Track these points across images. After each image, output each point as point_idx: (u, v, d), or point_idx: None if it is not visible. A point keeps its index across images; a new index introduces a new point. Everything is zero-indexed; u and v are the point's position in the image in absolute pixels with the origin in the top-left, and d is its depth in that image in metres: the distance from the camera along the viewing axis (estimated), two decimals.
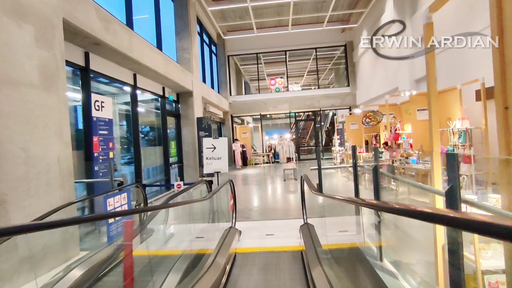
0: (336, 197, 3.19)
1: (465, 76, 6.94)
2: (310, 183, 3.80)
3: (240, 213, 5.90)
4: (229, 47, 17.93)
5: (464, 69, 7.26)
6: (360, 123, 13.95)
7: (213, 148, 5.36)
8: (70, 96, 5.72)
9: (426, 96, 8.15)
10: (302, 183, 4.52)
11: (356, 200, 2.89)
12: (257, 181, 10.66)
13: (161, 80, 8.52)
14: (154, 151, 8.96)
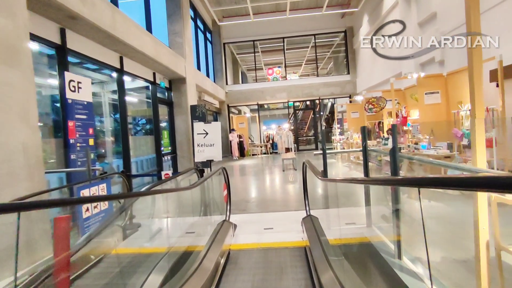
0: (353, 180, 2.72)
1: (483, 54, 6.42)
2: (315, 169, 3.32)
3: (236, 205, 5.43)
4: (225, 34, 17.27)
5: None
6: (362, 111, 13.46)
7: (205, 133, 4.86)
8: (48, 82, 5.19)
9: (436, 79, 7.66)
10: (305, 170, 4.03)
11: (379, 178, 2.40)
12: (255, 172, 10.19)
13: (151, 65, 7.95)
14: (145, 141, 8.45)
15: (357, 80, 16.48)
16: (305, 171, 4.06)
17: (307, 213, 3.99)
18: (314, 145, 18.75)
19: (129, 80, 7.65)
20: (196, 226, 4.06)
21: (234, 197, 6.05)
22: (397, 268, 2.55)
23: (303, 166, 4.00)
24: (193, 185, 2.66)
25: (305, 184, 4.18)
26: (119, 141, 7.00)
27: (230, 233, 3.70)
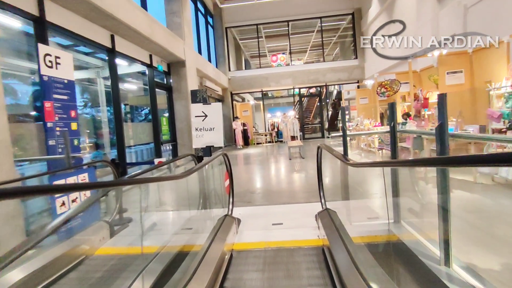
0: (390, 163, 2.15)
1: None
2: (336, 153, 2.73)
3: (240, 197, 4.89)
4: (226, 18, 16.49)
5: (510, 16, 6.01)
6: (371, 97, 12.77)
7: (204, 116, 4.28)
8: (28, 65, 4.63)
9: (459, 56, 6.93)
10: (320, 156, 3.46)
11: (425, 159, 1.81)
12: (260, 161, 9.64)
13: (147, 45, 7.33)
14: (142, 129, 7.91)
15: (365, 65, 15.69)
16: (320, 157, 3.48)
17: (323, 206, 3.43)
18: (320, 133, 18.11)
19: (122, 62, 7.06)
20: (194, 221, 3.53)
21: (238, 188, 5.50)
22: (445, 279, 1.99)
23: (318, 151, 3.42)
24: (185, 174, 2.10)
25: (320, 173, 3.61)
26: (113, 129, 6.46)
27: (233, 230, 3.16)
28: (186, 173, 2.07)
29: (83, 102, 7.13)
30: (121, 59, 6.75)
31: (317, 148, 3.39)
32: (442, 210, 2.11)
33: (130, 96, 8.32)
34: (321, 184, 3.62)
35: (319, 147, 3.37)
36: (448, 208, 2.09)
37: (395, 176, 3.06)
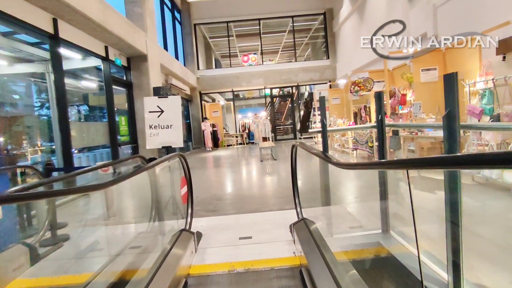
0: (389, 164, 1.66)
1: (486, 22, 5.60)
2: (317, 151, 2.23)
3: (204, 205, 4.27)
4: (195, 14, 15.75)
5: (482, 13, 5.91)
6: (343, 96, 12.62)
7: (159, 112, 3.63)
8: None
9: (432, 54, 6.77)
10: (294, 157, 2.94)
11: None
12: (229, 163, 9.04)
13: (100, 35, 6.49)
14: (95, 129, 7.03)
15: (337, 65, 15.63)
16: (294, 158, 2.96)
17: (298, 215, 2.91)
18: (292, 135, 17.83)
19: (71, 53, 6.19)
20: (143, 238, 2.87)
21: (202, 194, 4.88)
22: None
23: (292, 151, 2.90)
24: (108, 183, 1.48)
25: (295, 176, 3.09)
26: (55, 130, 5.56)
27: (190, 248, 2.55)
28: (107, 184, 1.45)
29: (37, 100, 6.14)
30: (68, 48, 5.89)
31: (291, 148, 2.87)
32: (451, 224, 1.65)
33: (83, 93, 7.40)
34: (296, 189, 3.10)
35: (294, 146, 2.86)
36: (458, 223, 1.63)
37: (383, 178, 2.61)
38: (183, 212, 3.22)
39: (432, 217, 3.09)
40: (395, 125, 3.76)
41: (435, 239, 2.64)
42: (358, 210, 3.60)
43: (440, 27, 7.34)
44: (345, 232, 2.75)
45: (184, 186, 2.94)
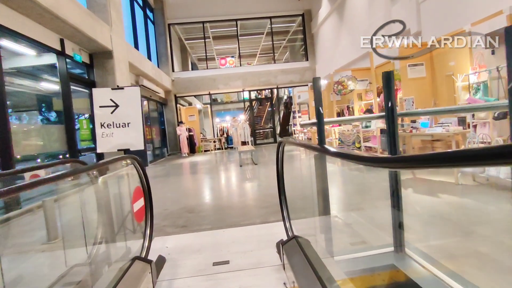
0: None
1: (475, 13, 5.30)
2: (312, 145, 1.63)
3: (173, 219, 3.56)
4: (169, 13, 14.99)
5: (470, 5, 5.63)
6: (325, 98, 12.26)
7: (113, 106, 2.90)
8: None
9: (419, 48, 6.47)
10: (281, 157, 2.32)
11: None
12: (206, 169, 8.32)
13: (53, 24, 5.65)
14: (46, 133, 6.12)
15: (317, 66, 15.34)
16: (281, 159, 2.35)
17: (288, 233, 2.29)
18: (272, 139, 17.31)
19: (15, 45, 5.32)
20: (82, 269, 2.13)
21: (172, 205, 4.16)
22: None
23: (279, 150, 2.28)
24: None
25: (282, 182, 2.47)
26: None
27: (144, 284, 1.86)
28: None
29: None
30: (9, 38, 5.02)
31: (277, 146, 2.25)
32: None
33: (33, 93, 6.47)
34: (284, 198, 2.48)
35: (280, 143, 2.24)
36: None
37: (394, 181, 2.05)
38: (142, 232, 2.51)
39: (448, 226, 2.57)
40: (413, 112, 3.18)
41: (461, 256, 2.11)
42: (357, 220, 3.03)
43: (424, 22, 7.08)
44: (349, 251, 2.15)
45: (139, 199, 2.25)
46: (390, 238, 2.13)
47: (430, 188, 3.74)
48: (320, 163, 2.04)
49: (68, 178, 1.57)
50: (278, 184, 2.47)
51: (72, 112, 6.45)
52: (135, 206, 2.17)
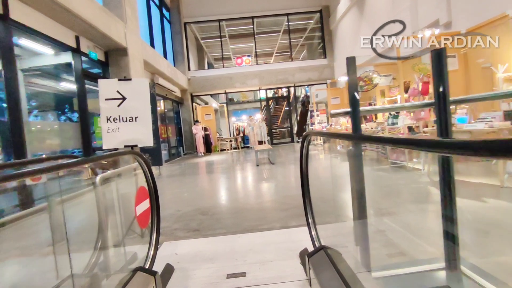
0: None
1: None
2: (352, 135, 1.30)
3: (185, 221, 3.30)
4: (185, 12, 14.90)
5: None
6: (344, 96, 11.80)
7: (120, 99, 2.68)
8: None
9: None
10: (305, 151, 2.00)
11: None
12: (222, 169, 8.07)
13: (67, 20, 5.56)
14: (61, 131, 6.04)
15: (335, 64, 14.84)
16: (305, 156, 2.03)
17: (315, 242, 1.97)
18: (290, 138, 16.93)
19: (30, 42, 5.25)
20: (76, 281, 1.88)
21: (185, 206, 3.91)
22: None
23: (303, 146, 1.96)
24: None
25: (306, 181, 2.15)
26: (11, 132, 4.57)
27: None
28: None
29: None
30: (23, 34, 4.93)
31: (302, 140, 1.93)
32: None
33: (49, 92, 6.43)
34: (308, 202, 2.16)
35: (306, 136, 1.91)
36: None
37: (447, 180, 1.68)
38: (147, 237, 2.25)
39: (505, 237, 2.17)
40: (471, 98, 2.72)
41: None
42: (390, 227, 2.66)
43: (456, 11, 6.54)
44: (389, 267, 1.81)
45: (144, 201, 1.99)
46: (433, 249, 1.77)
47: (472, 191, 3.31)
48: (355, 159, 1.71)
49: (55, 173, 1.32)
50: (302, 185, 2.15)
51: (87, 110, 6.35)
52: (138, 209, 1.91)
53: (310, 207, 2.19)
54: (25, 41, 5.14)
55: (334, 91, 12.33)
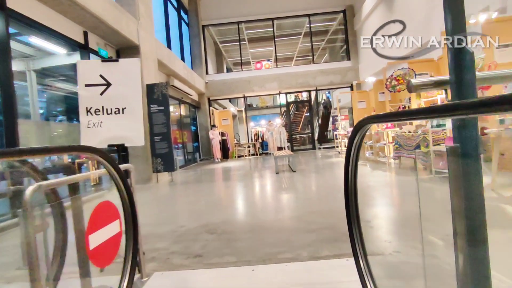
0: None
1: None
2: None
3: (187, 242, 2.64)
4: (204, 14, 14.56)
5: None
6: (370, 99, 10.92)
7: (104, 85, 2.09)
8: None
9: (507, 23, 4.78)
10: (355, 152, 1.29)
11: None
12: (238, 176, 7.41)
13: (74, 13, 5.15)
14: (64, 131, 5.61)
15: (359, 66, 13.97)
16: (355, 159, 1.32)
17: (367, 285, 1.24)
18: (311, 145, 16.07)
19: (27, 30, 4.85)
20: None
21: (190, 221, 3.27)
22: None
23: (354, 139, 1.26)
24: None
25: (353, 195, 1.43)
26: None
27: None
28: None
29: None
30: (24, 26, 4.53)
31: (353, 132, 1.22)
32: None
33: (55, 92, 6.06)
34: (356, 225, 1.43)
35: (360, 126, 1.20)
36: None
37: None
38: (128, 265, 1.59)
39: None
40: None
41: None
42: None
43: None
44: None
45: (108, 225, 1.33)
46: None
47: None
48: (460, 161, 0.99)
49: None
50: (346, 200, 1.43)
51: None
52: (95, 239, 1.25)
53: (359, 234, 1.46)
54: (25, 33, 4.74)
55: (359, 94, 11.46)
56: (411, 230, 2.56)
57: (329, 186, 5.22)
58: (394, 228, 2.67)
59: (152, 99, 7.03)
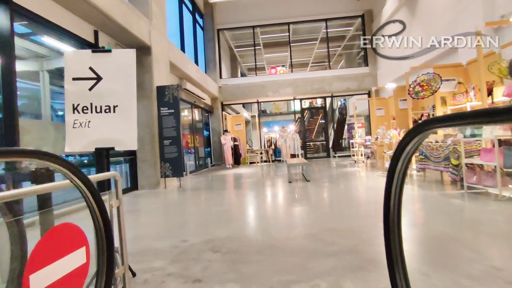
0: None
1: None
2: None
3: (187, 262, 2.31)
4: (219, 18, 14.44)
5: None
6: (389, 106, 10.43)
7: (94, 79, 1.83)
8: None
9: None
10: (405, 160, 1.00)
11: None
12: (249, 184, 7.07)
13: (84, 11, 4.99)
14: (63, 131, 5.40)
15: (378, 72, 13.47)
16: (402, 173, 0.97)
17: None
18: (325, 153, 15.58)
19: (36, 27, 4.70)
20: None
21: (195, 235, 2.94)
22: None
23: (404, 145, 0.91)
24: None
25: (396, 224, 1.07)
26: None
27: None
28: None
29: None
30: (29, 21, 4.37)
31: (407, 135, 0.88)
32: None
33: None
34: (400, 258, 1.06)
35: (420, 128, 0.84)
36: None
37: None
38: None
39: None
40: None
41: None
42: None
43: None
44: None
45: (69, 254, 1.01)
46: None
47: None
48: None
49: None
50: (386, 234, 1.06)
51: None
52: (37, 279, 0.92)
53: (403, 270, 1.08)
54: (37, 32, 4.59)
55: (378, 101, 10.97)
56: (449, 258, 2.16)
57: (347, 199, 4.80)
58: (428, 256, 2.26)
59: (162, 102, 6.82)
